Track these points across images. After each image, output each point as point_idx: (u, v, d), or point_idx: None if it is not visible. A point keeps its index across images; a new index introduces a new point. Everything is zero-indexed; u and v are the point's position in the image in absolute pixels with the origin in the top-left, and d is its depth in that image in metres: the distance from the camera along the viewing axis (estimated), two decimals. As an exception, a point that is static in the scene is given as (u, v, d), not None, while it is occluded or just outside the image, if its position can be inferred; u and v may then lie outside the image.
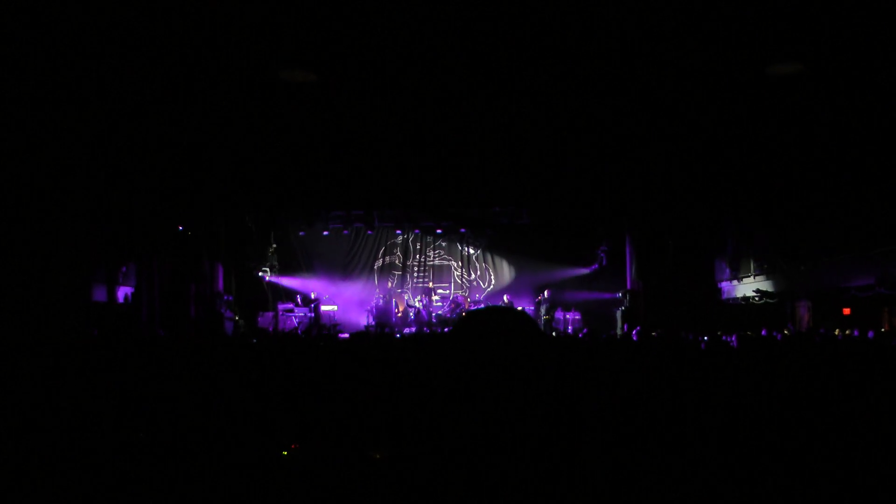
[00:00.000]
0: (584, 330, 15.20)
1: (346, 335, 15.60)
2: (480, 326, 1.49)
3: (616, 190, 14.54)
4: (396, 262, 20.72)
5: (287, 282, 19.00)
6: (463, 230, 19.51)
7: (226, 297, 16.35)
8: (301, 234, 18.92)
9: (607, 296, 17.90)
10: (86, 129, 8.73)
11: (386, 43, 6.41)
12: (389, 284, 19.83)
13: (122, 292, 13.29)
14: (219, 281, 16.46)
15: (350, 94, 8.16)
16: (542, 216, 17.79)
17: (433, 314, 18.73)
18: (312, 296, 18.35)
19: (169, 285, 14.49)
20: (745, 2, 5.45)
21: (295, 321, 17.22)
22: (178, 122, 8.96)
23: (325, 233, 18.95)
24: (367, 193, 15.64)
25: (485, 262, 20.56)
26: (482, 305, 19.23)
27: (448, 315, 18.93)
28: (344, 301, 19.42)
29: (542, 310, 17.38)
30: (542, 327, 11.41)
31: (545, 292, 17.65)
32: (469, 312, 1.65)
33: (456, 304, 18.66)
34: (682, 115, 8.68)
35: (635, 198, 15.11)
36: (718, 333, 8.36)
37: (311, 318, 17.44)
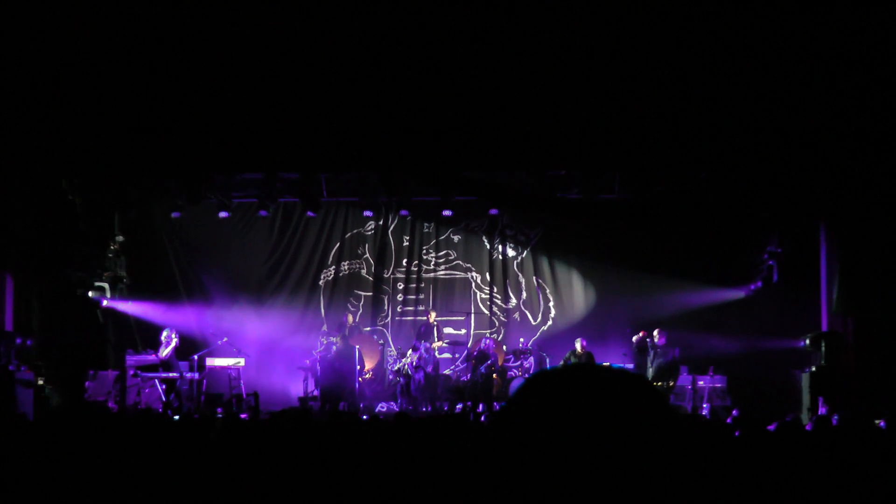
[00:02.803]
0: (735, 412, 15.02)
1: (260, 416, 15.67)
2: (566, 422, 1.61)
3: (809, 141, 14.56)
4: (363, 272, 21.11)
5: (145, 310, 19.37)
6: (494, 211, 19.69)
7: (18, 342, 16.26)
8: (175, 215, 19.10)
9: (779, 344, 17.83)
10: None
11: None
12: (350, 318, 20.08)
13: None
14: (5, 309, 16.60)
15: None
16: (650, 186, 17.78)
17: (437, 375, 18.88)
18: (199, 339, 18.61)
19: None
20: None
21: (160, 390, 17.28)
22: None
23: (224, 214, 19.23)
24: (306, 138, 15.85)
25: (536, 275, 20.91)
26: (536, 361, 19.63)
27: (464, 378, 19.20)
28: (261, 349, 19.86)
29: (650, 364, 17.37)
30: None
31: (655, 334, 17.58)
32: (533, 381, 1.74)
33: (482, 356, 18.68)
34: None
35: (847, 162, 15.00)
36: None
37: (193, 381, 17.55)
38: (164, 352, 17.37)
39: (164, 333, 17.58)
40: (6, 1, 12.79)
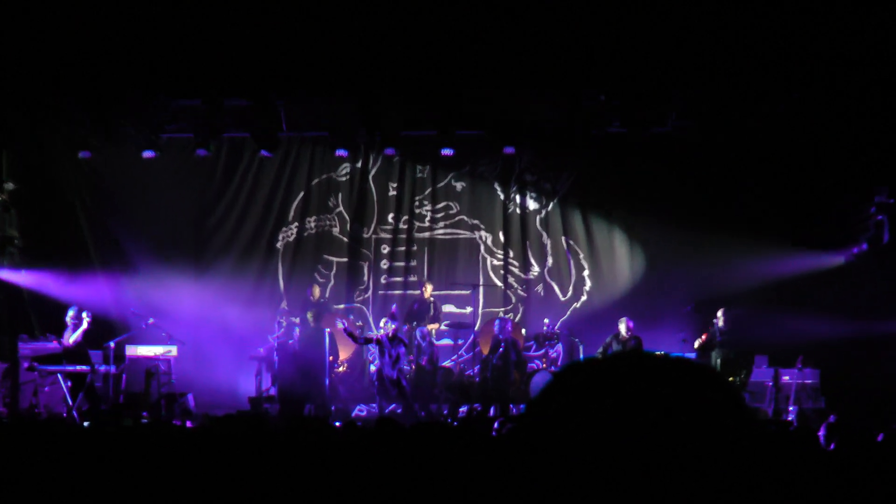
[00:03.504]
0: (831, 418, 15.07)
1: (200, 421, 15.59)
2: (611, 433, 1.66)
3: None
4: (335, 231, 21.18)
5: (44, 282, 19.30)
6: (510, 150, 19.65)
7: None
8: (84, 155, 19.14)
9: (890, 327, 17.85)
10: None
11: None
12: (317, 291, 20.17)
13: None
14: None
15: None
16: (718, 117, 17.69)
17: (435, 368, 18.80)
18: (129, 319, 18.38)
19: None
20: None
21: (65, 388, 17.14)
22: None
23: (149, 154, 19.23)
24: (259, 54, 15.72)
25: (565, 235, 20.98)
26: (566, 349, 19.54)
27: (469, 371, 19.25)
28: (199, 334, 19.79)
29: (715, 354, 17.29)
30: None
31: (719, 315, 17.52)
32: (565, 376, 1.81)
33: (495, 343, 18.58)
34: None
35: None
36: None
37: (108, 377, 17.56)
38: (72, 337, 17.32)
39: (71, 313, 17.51)
40: None
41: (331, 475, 5.75)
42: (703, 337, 17.52)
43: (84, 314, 17.41)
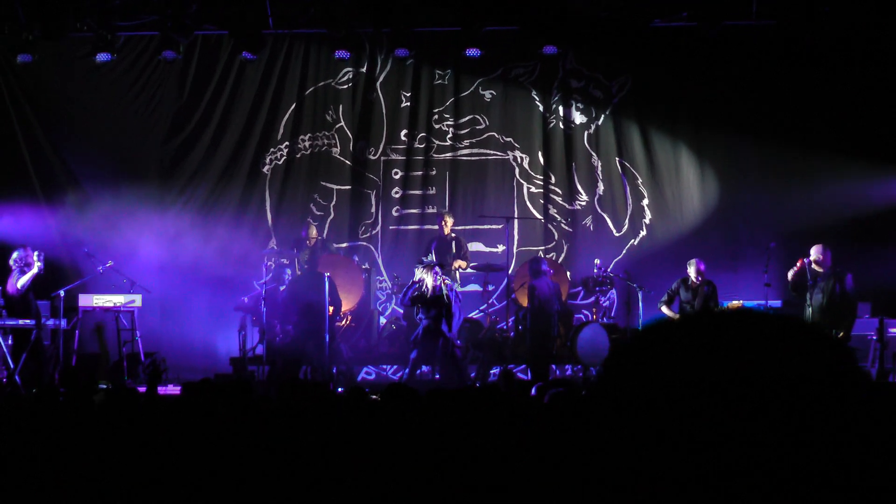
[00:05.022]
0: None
1: (178, 389, 15.73)
2: (708, 418, 1.74)
3: None
4: (336, 152, 21.23)
5: None
6: (551, 49, 19.60)
7: None
8: (24, 59, 19.10)
9: None
10: None
11: None
12: (313, 232, 20.11)
13: None
14: None
15: None
16: (811, 5, 17.54)
17: (453, 318, 18.44)
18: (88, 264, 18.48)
19: None
20: None
21: (4, 348, 17.06)
22: None
23: (104, 56, 19.29)
24: None
25: (619, 157, 21.00)
26: (621, 296, 19.72)
27: (502, 324, 19.37)
28: (169, 281, 19.99)
29: (809, 301, 17.15)
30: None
31: (813, 253, 17.31)
32: (637, 347, 1.88)
33: (532, 289, 18.58)
34: None
35: None
36: None
37: (58, 333, 17.60)
38: (19, 282, 17.35)
39: (15, 255, 17.55)
40: None
41: (332, 453, 5.79)
42: (800, 263, 17.18)
43: (36, 256, 17.41)
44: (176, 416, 7.01)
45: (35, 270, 17.27)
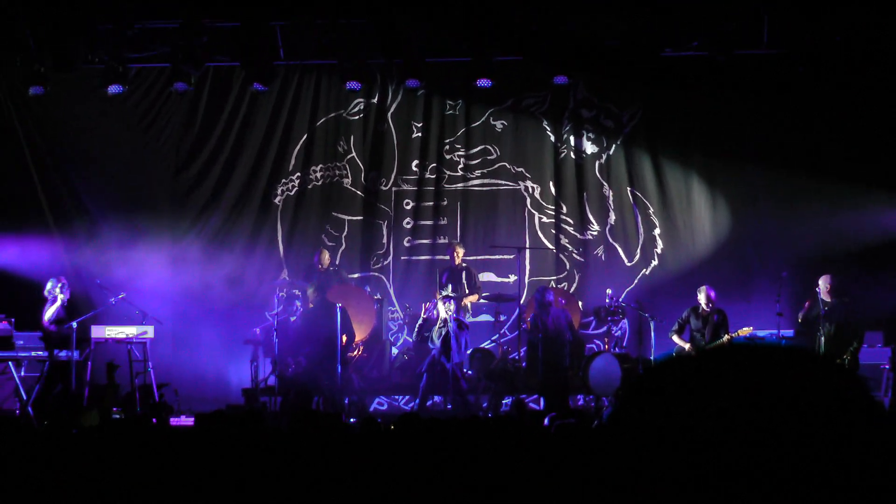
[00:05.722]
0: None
1: (191, 421, 15.63)
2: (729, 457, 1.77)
3: None
4: (347, 182, 21.27)
5: None
6: (562, 80, 19.54)
7: None
8: (35, 91, 19.05)
9: None
10: None
11: None
12: (326, 257, 20.19)
13: None
14: None
15: None
16: (823, 33, 17.64)
17: (461, 348, 18.63)
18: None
19: None
20: None
21: (17, 378, 17.42)
22: None
23: (115, 88, 19.28)
24: None
25: (631, 186, 21.01)
26: (632, 326, 19.70)
27: (514, 355, 19.19)
28: (181, 312, 20.05)
29: (820, 331, 17.10)
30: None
31: (821, 284, 17.27)
32: (651, 382, 1.92)
33: (545, 322, 18.52)
34: None
35: None
36: None
37: (70, 365, 17.54)
38: (47, 315, 17.49)
39: (49, 285, 17.71)
40: None
41: (345, 484, 5.81)
42: (807, 305, 17.43)
43: (59, 287, 17.55)
44: (187, 448, 6.98)
45: (59, 303, 17.42)
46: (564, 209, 20.96)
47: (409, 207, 21.15)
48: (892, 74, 18.40)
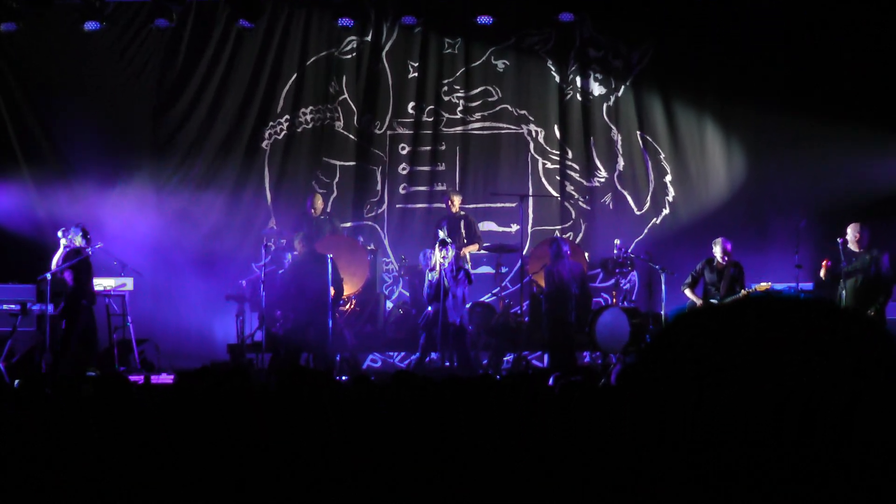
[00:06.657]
0: None
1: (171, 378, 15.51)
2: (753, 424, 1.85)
3: None
4: (339, 126, 21.27)
5: None
6: (567, 16, 19.78)
7: None
8: (7, 27, 19.19)
9: None
10: None
11: None
12: (319, 202, 20.24)
13: None
14: None
15: None
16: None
17: (458, 302, 18.44)
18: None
19: None
20: None
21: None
22: None
23: (92, 25, 19.35)
24: None
25: (641, 130, 21.04)
26: (642, 278, 19.65)
27: (516, 309, 19.39)
28: (161, 263, 20.15)
29: (843, 283, 17.03)
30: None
31: (849, 233, 17.22)
32: (668, 341, 1.98)
33: (562, 275, 18.35)
34: None
35: None
36: None
37: (44, 320, 17.65)
38: (53, 263, 17.44)
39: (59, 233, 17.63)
40: None
41: (336, 445, 5.81)
42: (827, 262, 17.30)
43: (60, 233, 17.48)
44: (169, 406, 7.06)
45: (60, 251, 17.34)
46: (570, 154, 20.92)
47: (404, 152, 21.12)
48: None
